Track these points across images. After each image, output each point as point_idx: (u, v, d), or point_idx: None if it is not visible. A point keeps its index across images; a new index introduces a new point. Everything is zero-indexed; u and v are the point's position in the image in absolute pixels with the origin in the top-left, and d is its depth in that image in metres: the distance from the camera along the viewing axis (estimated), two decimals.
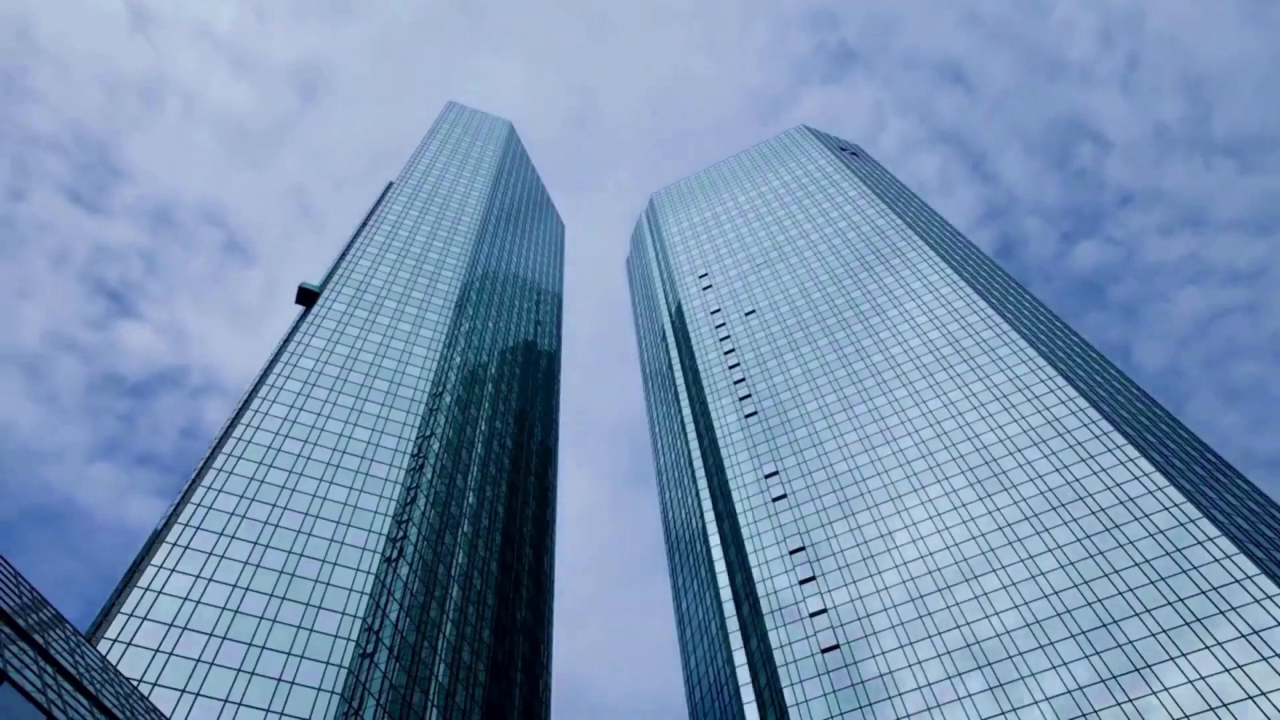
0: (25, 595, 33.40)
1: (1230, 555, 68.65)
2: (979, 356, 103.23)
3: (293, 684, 60.75)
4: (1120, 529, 75.27)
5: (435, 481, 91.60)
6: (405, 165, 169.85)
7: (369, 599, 70.16)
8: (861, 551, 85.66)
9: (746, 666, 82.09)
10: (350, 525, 76.68)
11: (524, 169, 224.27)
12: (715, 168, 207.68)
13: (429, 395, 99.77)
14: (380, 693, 65.48)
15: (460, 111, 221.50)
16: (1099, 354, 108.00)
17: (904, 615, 77.44)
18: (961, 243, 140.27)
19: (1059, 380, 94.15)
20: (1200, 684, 61.34)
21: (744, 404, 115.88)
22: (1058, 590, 72.95)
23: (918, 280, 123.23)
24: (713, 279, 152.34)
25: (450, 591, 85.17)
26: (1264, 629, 62.63)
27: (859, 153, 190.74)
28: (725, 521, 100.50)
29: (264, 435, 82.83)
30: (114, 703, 33.00)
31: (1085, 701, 64.06)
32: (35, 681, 25.85)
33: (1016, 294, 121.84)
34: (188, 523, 70.29)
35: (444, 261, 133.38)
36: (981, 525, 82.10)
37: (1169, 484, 76.98)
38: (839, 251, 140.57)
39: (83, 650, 35.44)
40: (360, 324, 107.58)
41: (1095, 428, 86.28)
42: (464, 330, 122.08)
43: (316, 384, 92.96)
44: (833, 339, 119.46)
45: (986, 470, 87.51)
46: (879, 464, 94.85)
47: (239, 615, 64.28)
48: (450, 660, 78.99)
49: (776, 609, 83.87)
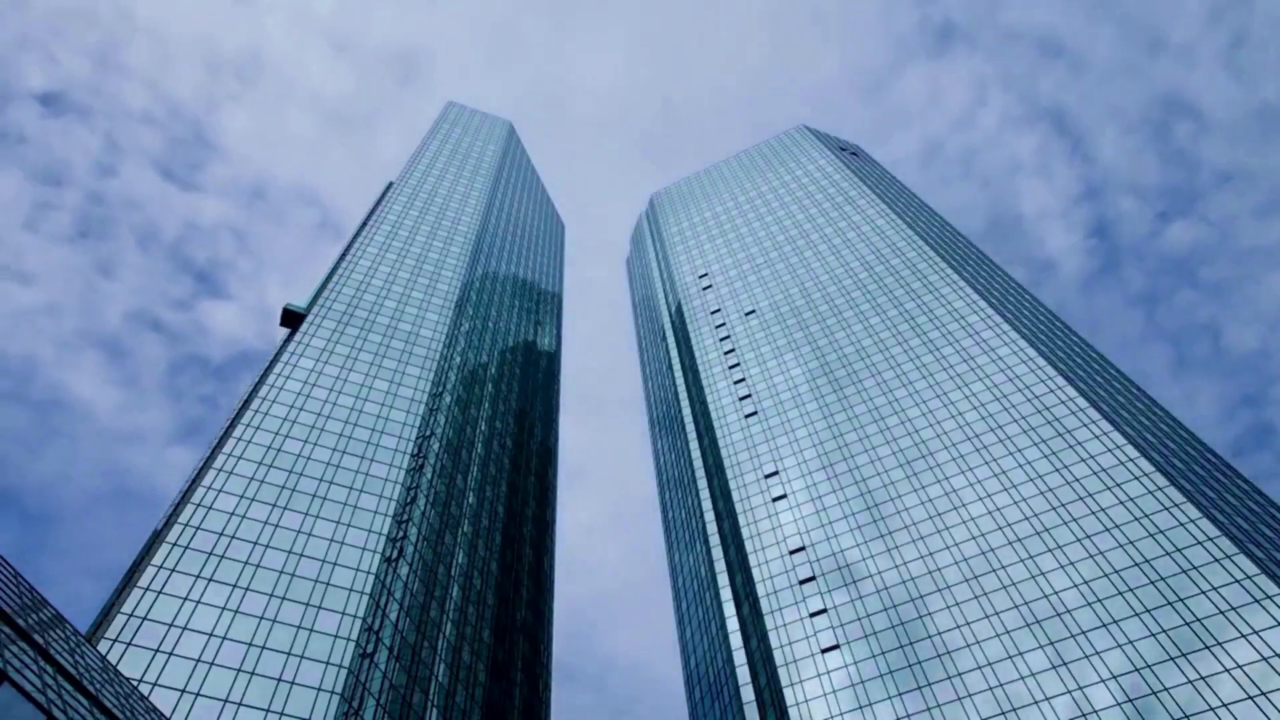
0: (25, 595, 33.40)
1: (1230, 555, 68.65)
2: (979, 356, 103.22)
3: (293, 684, 60.75)
4: (1120, 529, 75.26)
5: (435, 481, 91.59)
6: (405, 165, 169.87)
7: (369, 599, 70.16)
8: (861, 552, 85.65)
9: (746, 666, 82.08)
10: (350, 525, 76.68)
11: (524, 169, 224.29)
12: (715, 168, 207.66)
13: (429, 395, 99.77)
14: (380, 693, 65.48)
15: (460, 111, 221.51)
16: (1098, 354, 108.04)
17: (904, 615, 77.44)
18: (961, 242, 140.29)
19: (1059, 380, 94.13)
20: (1200, 684, 61.35)
21: (744, 404, 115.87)
22: (1058, 590, 72.94)
23: (917, 280, 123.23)
24: (713, 279, 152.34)
25: (450, 591, 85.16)
26: (1264, 629, 62.64)
27: (859, 153, 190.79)
28: (725, 521, 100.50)
29: (264, 435, 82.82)
30: (114, 703, 32.99)
31: (1088, 702, 64.03)
32: (35, 681, 25.85)
33: (1017, 293, 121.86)
34: (188, 523, 70.28)
35: (444, 261, 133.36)
36: (981, 525, 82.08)
37: (1169, 484, 76.97)
38: (839, 251, 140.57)
39: (83, 650, 35.44)
40: (360, 324, 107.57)
41: (1095, 428, 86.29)
42: (464, 330, 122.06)
43: (317, 384, 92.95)
44: (832, 339, 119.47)
45: (986, 470, 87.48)
46: (879, 464, 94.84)
47: (239, 615, 64.27)
48: (450, 660, 78.98)
49: (776, 609, 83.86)
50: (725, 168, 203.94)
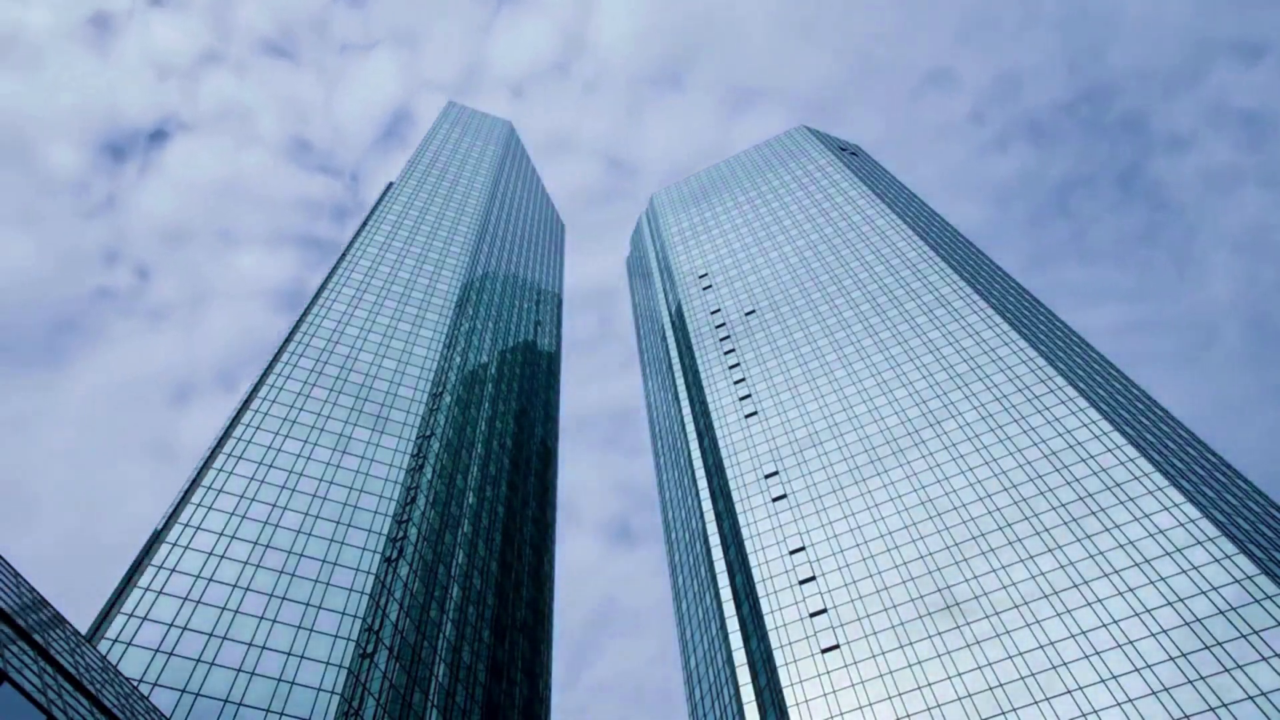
0: (25, 595, 33.40)
1: (1230, 555, 68.67)
2: (979, 356, 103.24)
3: (293, 684, 60.77)
4: (1120, 529, 75.27)
5: (435, 481, 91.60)
6: (405, 165, 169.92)
7: (369, 599, 70.17)
8: (862, 551, 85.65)
9: (746, 666, 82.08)
10: (350, 525, 76.70)
11: (524, 169, 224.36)
12: (715, 168, 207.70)
13: (429, 395, 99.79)
14: (380, 693, 65.49)
15: (460, 111, 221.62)
16: (1099, 353, 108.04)
17: (904, 615, 77.44)
18: (962, 242, 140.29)
19: (1059, 380, 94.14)
20: (1200, 684, 61.36)
21: (744, 404, 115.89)
22: (1059, 591, 72.95)
23: (918, 280, 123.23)
24: (713, 279, 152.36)
25: (450, 591, 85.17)
26: (1264, 629, 62.65)
27: (858, 153, 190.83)
28: (725, 521, 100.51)
29: (264, 435, 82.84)
30: (114, 703, 32.99)
31: (1087, 703, 64.09)
32: (35, 681, 25.85)
33: (1017, 294, 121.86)
34: (188, 523, 70.31)
35: (444, 261, 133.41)
36: (982, 525, 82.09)
37: (1169, 484, 76.99)
38: (839, 251, 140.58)
39: (83, 650, 35.44)
40: (360, 324, 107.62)
41: (1095, 428, 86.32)
42: (464, 330, 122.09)
43: (316, 384, 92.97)
44: (833, 339, 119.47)
45: (986, 471, 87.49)
46: (879, 464, 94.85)
47: (239, 615, 64.30)
48: (450, 660, 78.99)
49: (776, 609, 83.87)
50: (725, 168, 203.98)
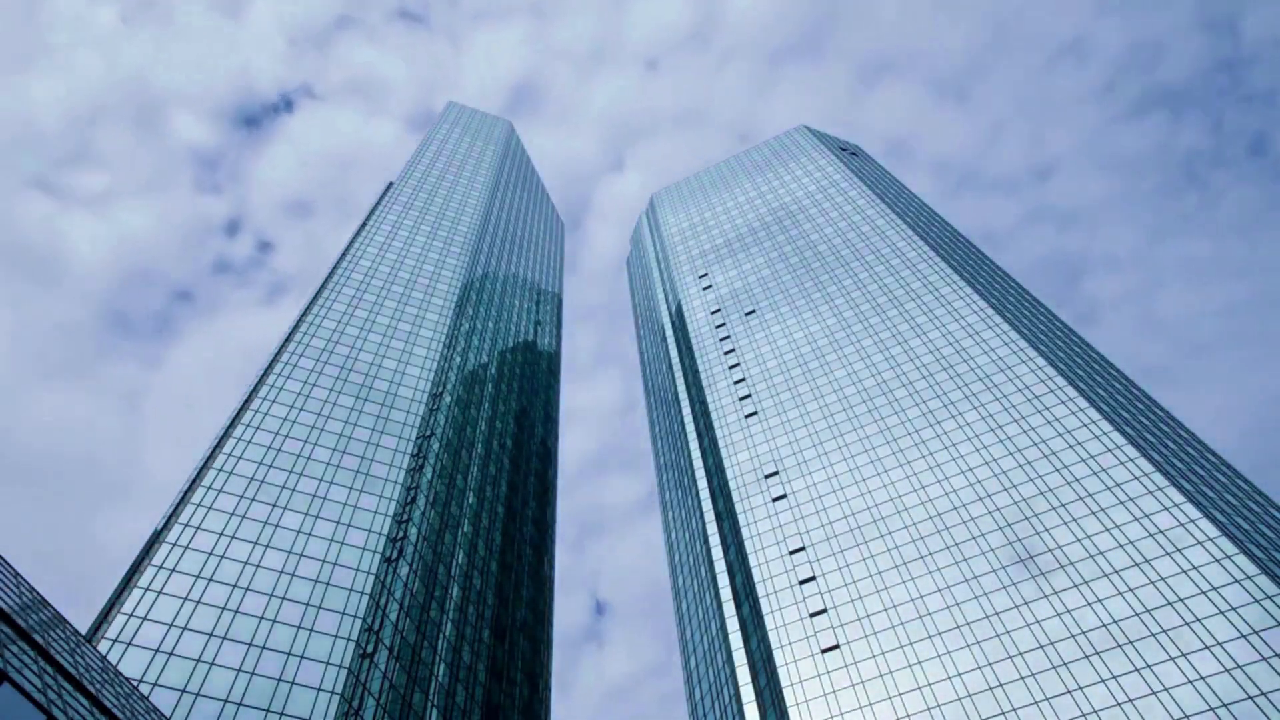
0: (25, 595, 33.40)
1: (1230, 555, 68.67)
2: (979, 356, 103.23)
3: (293, 684, 60.77)
4: (1120, 529, 75.27)
5: (435, 481, 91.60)
6: (405, 165, 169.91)
7: (369, 599, 70.17)
8: (862, 551, 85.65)
9: (746, 666, 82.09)
10: (350, 525, 76.70)
11: (524, 168, 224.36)
12: (715, 168, 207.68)
13: (429, 395, 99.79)
14: (380, 693, 65.49)
15: (460, 111, 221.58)
16: (1099, 354, 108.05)
17: (904, 615, 77.44)
18: (961, 242, 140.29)
19: (1059, 380, 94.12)
20: (1200, 684, 61.35)
21: (744, 404, 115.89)
22: (1058, 591, 72.93)
23: (918, 280, 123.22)
24: (713, 279, 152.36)
25: (450, 591, 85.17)
26: (1264, 629, 62.64)
27: (858, 153, 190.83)
28: (725, 521, 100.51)
29: (264, 435, 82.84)
30: (114, 703, 32.99)
31: (1087, 703, 64.08)
32: (35, 681, 25.85)
33: (1017, 294, 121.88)
34: (188, 523, 70.31)
35: (444, 261, 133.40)
36: (982, 525, 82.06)
37: (1169, 484, 76.99)
38: (839, 251, 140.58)
39: (83, 650, 35.44)
40: (360, 324, 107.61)
41: (1095, 428, 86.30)
42: (464, 330, 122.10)
43: (316, 384, 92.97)
44: (833, 339, 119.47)
45: (986, 471, 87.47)
46: (879, 464, 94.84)
47: (239, 615, 64.30)
48: (450, 660, 78.99)
49: (776, 609, 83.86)
50: (725, 167, 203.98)
